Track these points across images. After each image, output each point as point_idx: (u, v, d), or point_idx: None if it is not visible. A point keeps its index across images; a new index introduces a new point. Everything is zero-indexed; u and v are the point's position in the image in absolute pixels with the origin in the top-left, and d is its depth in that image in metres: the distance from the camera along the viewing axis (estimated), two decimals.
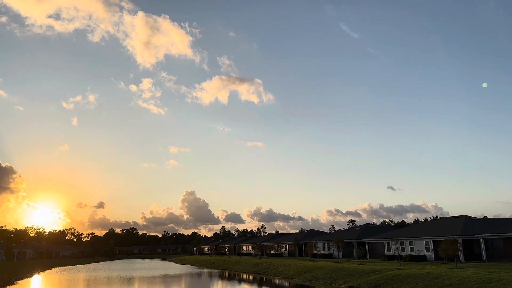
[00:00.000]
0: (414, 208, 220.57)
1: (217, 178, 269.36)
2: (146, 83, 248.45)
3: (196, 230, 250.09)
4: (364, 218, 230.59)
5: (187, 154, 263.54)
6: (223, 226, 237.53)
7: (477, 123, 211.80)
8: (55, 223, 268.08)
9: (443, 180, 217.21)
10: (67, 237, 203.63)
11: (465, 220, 52.65)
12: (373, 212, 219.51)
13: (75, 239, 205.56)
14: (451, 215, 62.21)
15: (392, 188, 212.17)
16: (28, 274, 61.44)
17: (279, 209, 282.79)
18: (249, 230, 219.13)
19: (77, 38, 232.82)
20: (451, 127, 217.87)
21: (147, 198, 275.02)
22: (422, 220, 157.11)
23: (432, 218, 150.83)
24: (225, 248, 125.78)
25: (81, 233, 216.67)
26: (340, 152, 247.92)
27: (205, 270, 67.41)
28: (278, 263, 57.45)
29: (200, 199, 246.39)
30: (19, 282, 47.55)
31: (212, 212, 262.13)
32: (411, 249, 51.74)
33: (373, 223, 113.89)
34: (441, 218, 69.99)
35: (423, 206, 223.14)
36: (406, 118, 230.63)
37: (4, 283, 44.87)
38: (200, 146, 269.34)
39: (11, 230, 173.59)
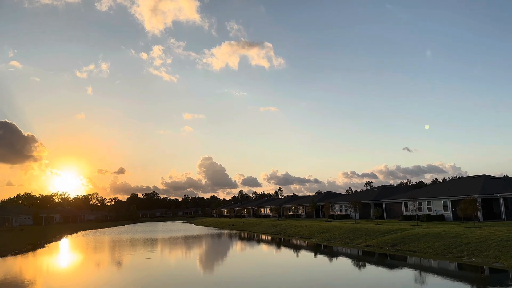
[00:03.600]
0: (432, 169, 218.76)
1: (232, 143, 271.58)
2: (157, 50, 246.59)
3: (214, 194, 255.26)
4: (381, 180, 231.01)
5: (201, 120, 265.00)
6: (241, 190, 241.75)
7: (495, 81, 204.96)
8: (78, 189, 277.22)
9: (461, 140, 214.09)
10: (91, 202, 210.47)
11: (485, 180, 52.19)
12: (389, 173, 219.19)
13: (98, 204, 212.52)
14: (470, 175, 61.65)
15: (408, 149, 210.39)
16: (57, 237, 64.28)
17: (295, 172, 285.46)
18: (266, 193, 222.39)
19: (85, 8, 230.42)
20: (468, 85, 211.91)
21: (165, 163, 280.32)
22: (441, 181, 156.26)
23: (450, 178, 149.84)
24: (244, 210, 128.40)
25: (104, 198, 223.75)
26: (355, 114, 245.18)
27: (225, 232, 69.30)
28: (296, 224, 58.53)
29: (217, 163, 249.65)
30: (49, 245, 49.87)
31: (229, 176, 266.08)
32: (429, 209, 51.86)
33: (390, 184, 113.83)
34: (460, 178, 69.48)
35: (441, 167, 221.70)
36: (422, 78, 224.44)
37: (35, 246, 47.14)
38: (214, 112, 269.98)
39: (38, 196, 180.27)
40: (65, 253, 41.06)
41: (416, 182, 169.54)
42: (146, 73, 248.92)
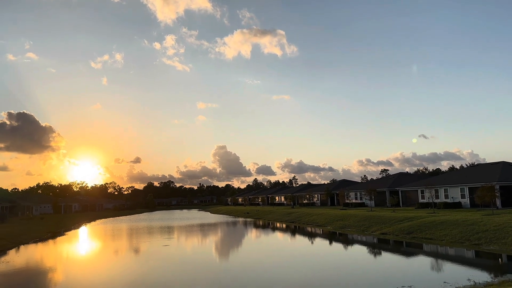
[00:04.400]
0: (449, 156, 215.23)
1: (246, 132, 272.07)
2: (169, 40, 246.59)
3: (229, 183, 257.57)
4: (396, 167, 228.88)
5: (215, 109, 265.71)
6: (255, 178, 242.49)
7: None
8: (96, 178, 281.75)
9: (478, 127, 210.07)
10: (108, 191, 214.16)
11: (503, 166, 51.20)
12: (405, 161, 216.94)
13: (116, 193, 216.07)
14: (488, 162, 60.48)
15: (425, 136, 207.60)
16: (76, 225, 65.72)
17: (309, 161, 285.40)
18: (280, 182, 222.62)
19: None
20: (485, 71, 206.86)
21: (180, 152, 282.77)
22: (458, 168, 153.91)
23: (468, 165, 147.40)
24: (258, 198, 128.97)
25: (122, 187, 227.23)
26: (369, 101, 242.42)
27: (240, 219, 69.83)
28: (311, 212, 58.60)
29: (231, 152, 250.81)
30: (68, 233, 51.06)
31: (244, 165, 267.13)
32: (446, 197, 51.23)
33: (407, 172, 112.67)
34: (477, 164, 68.20)
35: (458, 154, 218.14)
36: (437, 64, 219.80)
37: (55, 234, 48.32)
38: (227, 101, 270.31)
39: (56, 185, 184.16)
40: (84, 241, 42.00)
41: (432, 170, 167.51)
42: (160, 63, 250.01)
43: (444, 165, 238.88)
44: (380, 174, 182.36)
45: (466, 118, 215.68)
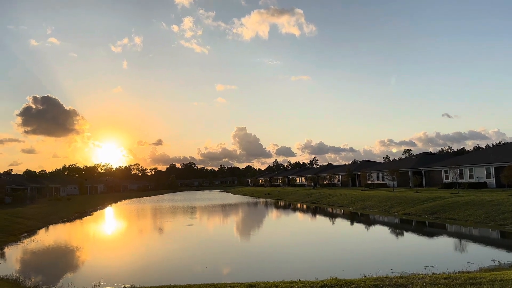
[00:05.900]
0: (473, 135, 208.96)
1: (265, 113, 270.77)
2: (187, 22, 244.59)
3: (249, 164, 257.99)
4: (420, 148, 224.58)
5: (234, 91, 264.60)
6: (275, 159, 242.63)
7: None
8: (120, 160, 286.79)
9: (504, 104, 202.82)
10: (132, 172, 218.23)
11: None
12: (428, 140, 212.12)
13: (140, 174, 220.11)
14: None
15: (448, 115, 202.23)
16: (102, 206, 67.58)
17: (329, 141, 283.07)
18: (301, 163, 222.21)
19: None
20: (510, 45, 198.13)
21: (200, 134, 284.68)
22: (484, 147, 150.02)
23: (494, 144, 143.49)
24: (279, 179, 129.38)
25: (145, 168, 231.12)
26: (390, 80, 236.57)
27: (261, 200, 70.37)
28: (332, 192, 58.50)
29: (251, 134, 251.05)
30: (95, 213, 52.59)
31: (264, 146, 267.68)
32: (471, 177, 50.21)
33: (430, 152, 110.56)
34: (504, 144, 66.32)
35: (483, 133, 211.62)
36: (460, 41, 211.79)
37: (81, 214, 49.86)
38: (245, 83, 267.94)
39: (82, 167, 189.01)
40: (110, 221, 43.23)
41: (457, 149, 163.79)
42: (178, 45, 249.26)
43: (469, 145, 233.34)
44: (402, 154, 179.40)
45: (491, 96, 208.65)
